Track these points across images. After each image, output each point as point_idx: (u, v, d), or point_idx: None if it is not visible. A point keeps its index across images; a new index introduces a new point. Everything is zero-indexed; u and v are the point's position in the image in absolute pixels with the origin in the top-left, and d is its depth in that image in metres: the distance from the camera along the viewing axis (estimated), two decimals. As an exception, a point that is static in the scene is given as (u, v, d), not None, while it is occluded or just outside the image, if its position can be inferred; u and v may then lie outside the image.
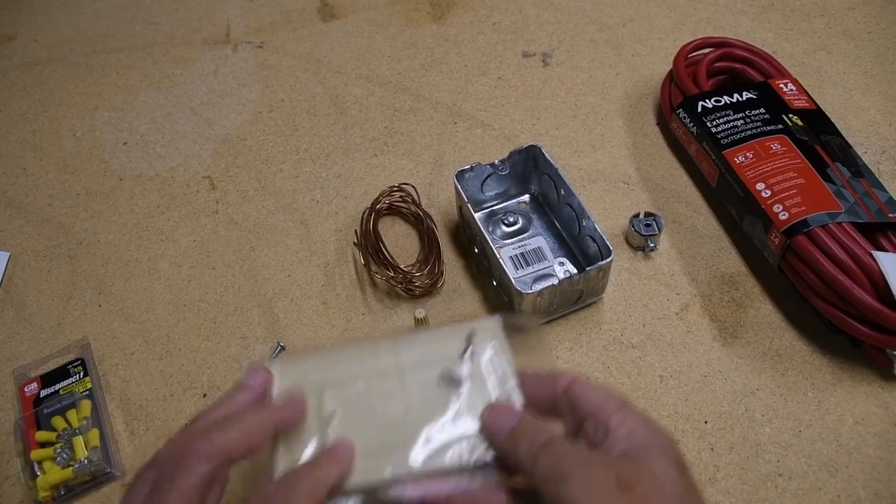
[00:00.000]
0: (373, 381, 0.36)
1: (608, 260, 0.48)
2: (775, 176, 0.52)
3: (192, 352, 0.53)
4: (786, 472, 0.44)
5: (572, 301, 0.51)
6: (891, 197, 0.51)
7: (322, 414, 0.34)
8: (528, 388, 0.34)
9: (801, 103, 0.58)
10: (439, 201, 0.60)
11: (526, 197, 0.59)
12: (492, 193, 0.58)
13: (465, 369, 0.35)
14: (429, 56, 0.73)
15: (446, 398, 0.34)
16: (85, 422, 0.48)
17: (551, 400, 0.33)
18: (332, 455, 0.32)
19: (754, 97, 0.58)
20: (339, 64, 0.74)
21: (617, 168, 0.62)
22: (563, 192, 0.54)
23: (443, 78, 0.71)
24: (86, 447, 0.47)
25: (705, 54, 0.63)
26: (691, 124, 0.58)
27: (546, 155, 0.55)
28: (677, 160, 0.62)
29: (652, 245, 0.55)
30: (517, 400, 0.34)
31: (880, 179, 0.53)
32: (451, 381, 0.35)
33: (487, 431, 0.32)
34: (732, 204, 0.55)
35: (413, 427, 0.34)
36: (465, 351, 0.36)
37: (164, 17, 0.81)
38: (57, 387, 0.51)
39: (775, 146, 0.54)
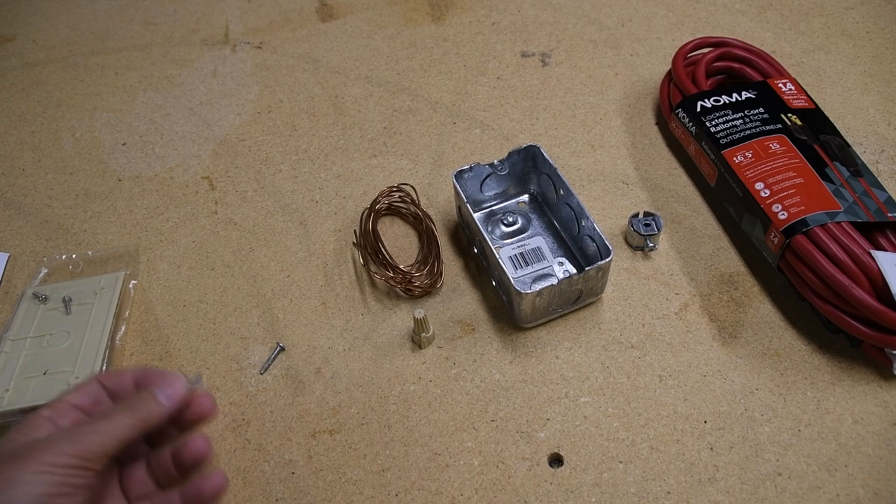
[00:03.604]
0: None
1: (607, 260, 0.48)
2: (774, 175, 0.52)
3: (191, 352, 0.53)
4: (785, 471, 0.44)
5: (571, 301, 0.51)
6: (889, 196, 0.51)
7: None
8: None
9: (799, 103, 0.58)
10: (438, 201, 0.60)
11: (525, 197, 0.59)
12: (491, 193, 0.58)
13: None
14: (428, 56, 0.73)
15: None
16: (84, 423, 0.48)
17: None
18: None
19: (753, 97, 0.58)
20: (337, 64, 0.74)
21: (616, 168, 0.62)
22: (562, 192, 0.54)
23: (442, 78, 0.71)
24: (85, 448, 0.46)
25: (704, 54, 0.63)
26: (690, 124, 0.58)
27: (545, 155, 0.55)
28: (676, 160, 0.62)
29: (651, 245, 0.55)
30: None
31: (879, 179, 0.53)
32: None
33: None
34: (731, 203, 0.55)
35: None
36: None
37: (162, 18, 0.82)
38: (56, 388, 0.51)
39: (774, 146, 0.54)
